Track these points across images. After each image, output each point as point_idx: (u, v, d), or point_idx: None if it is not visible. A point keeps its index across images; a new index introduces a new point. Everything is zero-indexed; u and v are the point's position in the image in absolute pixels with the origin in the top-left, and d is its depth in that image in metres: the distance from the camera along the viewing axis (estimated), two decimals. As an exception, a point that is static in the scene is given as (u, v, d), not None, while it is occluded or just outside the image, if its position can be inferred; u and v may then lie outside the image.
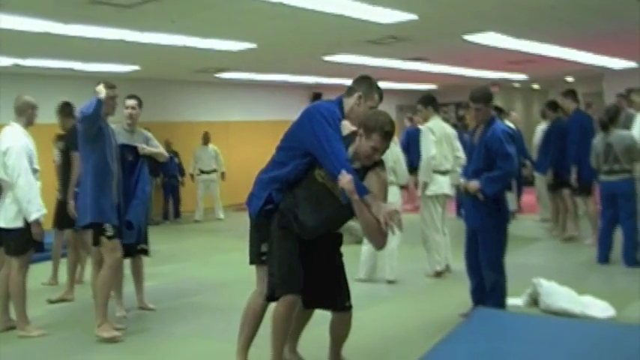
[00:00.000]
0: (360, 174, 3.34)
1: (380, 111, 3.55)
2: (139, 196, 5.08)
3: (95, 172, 4.55)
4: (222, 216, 11.86)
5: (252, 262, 3.67)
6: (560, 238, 7.91)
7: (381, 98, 3.67)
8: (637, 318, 4.56)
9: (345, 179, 3.19)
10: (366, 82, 3.64)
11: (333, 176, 3.28)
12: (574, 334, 3.68)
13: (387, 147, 3.41)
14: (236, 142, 13.67)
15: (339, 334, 3.72)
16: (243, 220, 12.98)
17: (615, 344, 3.44)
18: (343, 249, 3.70)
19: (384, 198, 3.39)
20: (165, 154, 5.48)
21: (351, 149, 3.40)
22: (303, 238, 3.43)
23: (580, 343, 3.46)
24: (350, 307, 3.64)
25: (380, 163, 3.44)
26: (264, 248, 3.55)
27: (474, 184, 4.46)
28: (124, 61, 9.52)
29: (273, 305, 3.51)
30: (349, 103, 3.59)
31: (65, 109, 6.00)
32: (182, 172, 11.98)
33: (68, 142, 5.78)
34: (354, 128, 3.49)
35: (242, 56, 9.38)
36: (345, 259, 3.71)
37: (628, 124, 6.70)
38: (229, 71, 11.48)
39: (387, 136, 3.35)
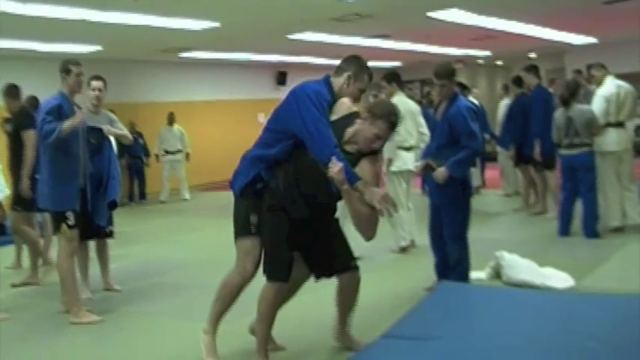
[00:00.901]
0: (353, 159, 3.27)
1: (387, 100, 3.55)
2: (115, 176, 5.07)
3: (56, 158, 4.47)
4: (187, 196, 11.81)
5: (238, 234, 3.55)
6: (532, 212, 8.01)
7: (370, 79, 3.58)
8: (595, 287, 4.68)
9: (335, 169, 3.11)
10: (355, 62, 3.52)
11: (321, 162, 3.20)
12: (534, 305, 3.77)
13: (389, 138, 3.38)
14: (201, 122, 13.57)
15: (349, 299, 3.64)
16: (209, 201, 13.05)
17: (574, 313, 3.54)
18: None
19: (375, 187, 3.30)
20: (130, 136, 5.43)
21: (350, 130, 3.32)
22: (298, 215, 3.36)
23: (540, 313, 3.55)
24: (357, 268, 3.60)
25: (376, 152, 3.37)
26: (253, 219, 3.47)
27: (442, 173, 4.48)
28: (86, 41, 9.35)
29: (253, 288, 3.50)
30: (338, 82, 3.47)
31: (12, 92, 5.84)
32: (147, 153, 11.86)
33: (16, 123, 5.65)
34: (355, 108, 3.44)
35: (206, 35, 9.29)
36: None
37: (588, 99, 6.81)
38: (193, 50, 11.35)
39: (393, 127, 3.31)
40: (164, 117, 11.74)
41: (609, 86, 6.71)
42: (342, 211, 3.87)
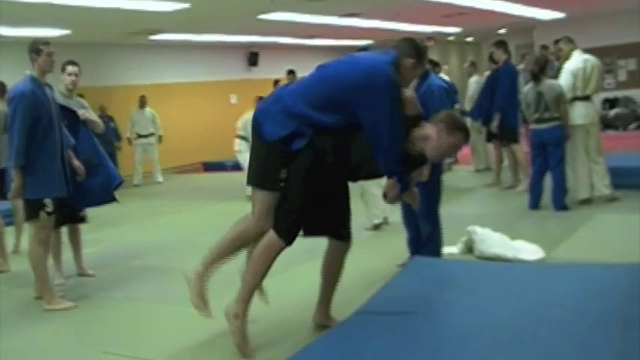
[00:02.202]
0: (412, 161, 3.32)
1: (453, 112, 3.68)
2: (105, 157, 5.10)
3: (31, 146, 4.34)
4: (161, 179, 11.75)
5: (263, 186, 3.38)
6: (503, 186, 8.10)
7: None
8: (565, 258, 4.79)
9: (390, 186, 3.28)
10: (418, 49, 3.42)
11: (382, 169, 3.25)
12: (505, 277, 3.85)
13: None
14: (173, 104, 13.48)
15: (335, 270, 3.65)
16: (183, 183, 12.97)
17: (544, 284, 3.62)
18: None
19: None
20: (102, 125, 5.35)
21: (418, 134, 3.31)
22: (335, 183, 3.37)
23: (511, 285, 3.62)
24: (350, 239, 3.63)
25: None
26: (283, 174, 3.28)
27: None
28: (54, 25, 9.21)
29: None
30: (404, 67, 3.30)
31: None
32: (119, 137, 11.76)
33: None
34: (419, 109, 3.43)
35: (176, 17, 9.20)
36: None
37: (553, 74, 6.90)
38: (164, 33, 11.23)
39: (467, 137, 3.42)
40: (136, 100, 11.64)
41: (576, 60, 6.78)
42: None
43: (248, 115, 9.19)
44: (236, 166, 9.61)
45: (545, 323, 2.99)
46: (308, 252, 5.70)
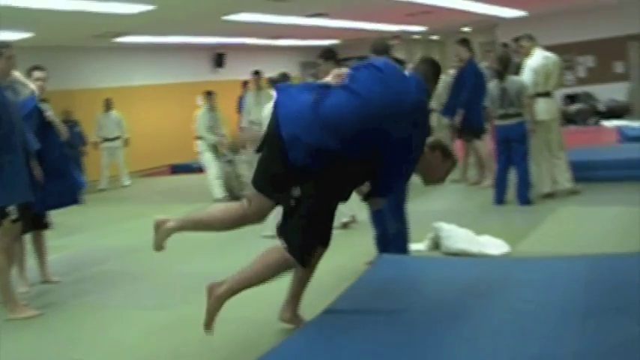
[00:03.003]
0: None
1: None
2: (70, 161, 5.14)
3: None
4: (128, 183, 11.65)
5: (272, 198, 3.35)
6: (469, 182, 8.21)
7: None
8: (528, 252, 4.88)
9: (377, 203, 3.37)
10: (436, 73, 3.57)
11: (380, 190, 3.30)
12: (471, 272, 3.90)
13: None
14: (140, 107, 13.36)
15: (309, 271, 3.56)
16: (151, 186, 12.87)
17: (507, 278, 3.68)
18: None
19: None
20: (66, 132, 5.27)
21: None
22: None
23: (476, 280, 3.67)
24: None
25: None
26: (296, 192, 3.20)
27: None
28: (16, 27, 9.06)
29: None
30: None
31: None
32: (84, 141, 11.61)
33: None
34: None
35: (141, 19, 9.12)
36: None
37: (515, 71, 7.02)
38: (129, 35, 11.13)
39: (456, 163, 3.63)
40: (102, 103, 11.52)
41: (537, 57, 6.91)
42: None
43: (201, 115, 9.19)
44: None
45: (508, 315, 3.05)
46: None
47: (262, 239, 6.25)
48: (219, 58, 15.22)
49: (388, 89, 3.14)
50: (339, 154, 3.10)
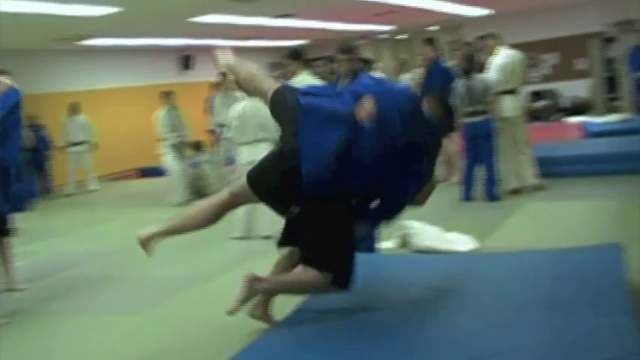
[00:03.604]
0: None
1: None
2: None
3: None
4: (96, 187, 11.53)
5: (265, 202, 3.32)
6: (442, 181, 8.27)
7: None
8: (496, 247, 4.94)
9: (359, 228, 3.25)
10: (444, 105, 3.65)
11: (380, 215, 3.27)
12: (439, 269, 3.94)
13: None
14: (107, 110, 13.22)
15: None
16: (119, 190, 12.75)
17: (474, 273, 3.73)
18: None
19: None
20: (31, 137, 5.20)
21: None
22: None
23: (444, 276, 3.71)
24: None
25: None
26: (294, 210, 3.21)
27: None
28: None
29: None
30: None
31: None
32: (50, 146, 11.47)
33: None
34: None
35: (107, 21, 9.03)
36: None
37: (480, 69, 7.10)
38: (95, 38, 11.01)
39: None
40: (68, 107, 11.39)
41: (502, 55, 7.01)
42: None
43: (162, 116, 9.14)
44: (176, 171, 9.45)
45: (475, 310, 3.10)
46: (249, 253, 5.76)
47: (232, 241, 6.27)
48: (186, 60, 15.15)
49: (414, 134, 3.12)
50: (356, 190, 3.14)
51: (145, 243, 3.51)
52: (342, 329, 3.06)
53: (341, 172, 3.01)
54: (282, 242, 3.48)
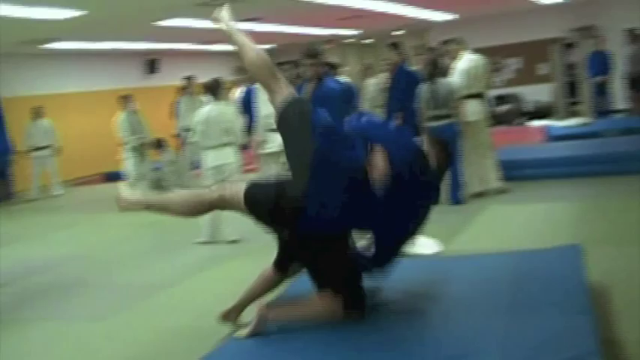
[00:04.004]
0: None
1: None
2: None
3: None
4: (60, 192, 11.36)
5: (252, 216, 3.22)
6: None
7: None
8: (460, 250, 5.02)
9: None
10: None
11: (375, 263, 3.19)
12: (402, 272, 3.97)
13: None
14: (72, 114, 13.05)
15: (268, 290, 3.62)
16: (84, 195, 12.57)
17: (437, 276, 3.79)
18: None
19: None
20: None
21: None
22: None
23: (408, 279, 3.75)
24: None
25: None
26: (284, 234, 3.26)
27: None
28: None
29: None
30: None
31: None
32: (12, 151, 11.26)
33: None
34: None
35: (70, 24, 8.92)
36: (187, 222, 3.73)
37: (444, 74, 7.19)
38: (59, 41, 10.86)
39: None
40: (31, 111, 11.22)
41: (466, 60, 7.11)
42: None
43: (122, 120, 9.08)
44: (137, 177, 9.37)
45: (436, 313, 3.15)
46: (215, 258, 5.75)
47: (197, 246, 6.25)
48: (152, 64, 15.05)
49: (417, 184, 3.10)
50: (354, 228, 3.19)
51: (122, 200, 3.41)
52: (309, 330, 3.07)
53: (342, 218, 3.02)
54: (280, 265, 3.45)
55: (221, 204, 3.30)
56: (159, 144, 9.15)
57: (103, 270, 5.54)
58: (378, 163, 2.90)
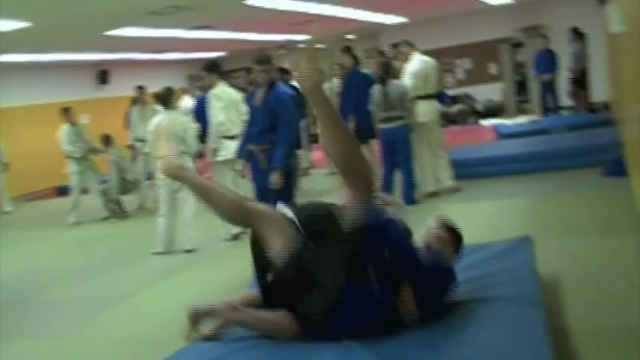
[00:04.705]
0: None
1: None
2: None
3: None
4: (10, 209, 11.10)
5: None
6: None
7: None
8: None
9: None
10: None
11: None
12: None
13: None
14: (23, 128, 12.79)
15: None
16: (34, 210, 12.29)
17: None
18: (137, 222, 3.68)
19: None
20: None
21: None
22: None
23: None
24: None
25: None
26: (269, 276, 2.93)
27: (276, 177, 4.66)
28: None
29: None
30: None
31: None
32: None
33: None
34: None
35: (16, 36, 8.76)
36: (142, 233, 3.70)
37: (395, 76, 7.29)
38: (5, 53, 10.64)
39: None
40: (-24, 126, 10.97)
41: (416, 62, 7.22)
42: None
43: (64, 133, 8.96)
44: (84, 190, 9.20)
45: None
46: (167, 270, 5.72)
47: (153, 256, 6.20)
48: (103, 75, 14.86)
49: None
50: None
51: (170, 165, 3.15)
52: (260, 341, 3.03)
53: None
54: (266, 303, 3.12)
55: (248, 214, 2.96)
56: (107, 139, 8.98)
57: (58, 285, 5.42)
58: (407, 302, 2.79)
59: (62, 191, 12.53)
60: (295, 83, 9.30)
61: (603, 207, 5.68)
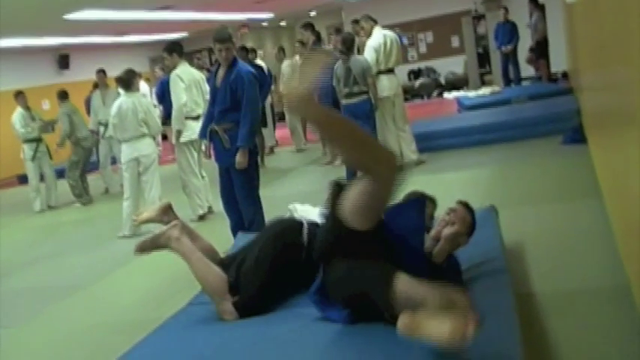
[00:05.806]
0: None
1: None
2: None
3: None
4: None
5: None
6: (321, 163, 8.47)
7: None
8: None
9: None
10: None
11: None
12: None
13: None
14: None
15: None
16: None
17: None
18: (102, 207, 3.65)
19: None
20: None
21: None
22: None
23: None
24: None
25: None
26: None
27: (242, 156, 4.62)
28: None
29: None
30: None
31: None
32: None
33: None
34: None
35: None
36: (108, 217, 3.66)
37: (357, 51, 7.31)
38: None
39: None
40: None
41: (377, 37, 7.22)
42: None
43: (17, 118, 8.83)
44: (41, 177, 9.04)
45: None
46: (130, 254, 5.63)
47: (117, 241, 6.17)
48: (64, 60, 14.62)
49: None
50: None
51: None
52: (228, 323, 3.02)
53: None
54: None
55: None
56: (63, 94, 8.82)
57: (17, 274, 5.39)
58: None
59: (23, 180, 12.36)
60: (260, 62, 9.28)
61: (564, 173, 5.80)
